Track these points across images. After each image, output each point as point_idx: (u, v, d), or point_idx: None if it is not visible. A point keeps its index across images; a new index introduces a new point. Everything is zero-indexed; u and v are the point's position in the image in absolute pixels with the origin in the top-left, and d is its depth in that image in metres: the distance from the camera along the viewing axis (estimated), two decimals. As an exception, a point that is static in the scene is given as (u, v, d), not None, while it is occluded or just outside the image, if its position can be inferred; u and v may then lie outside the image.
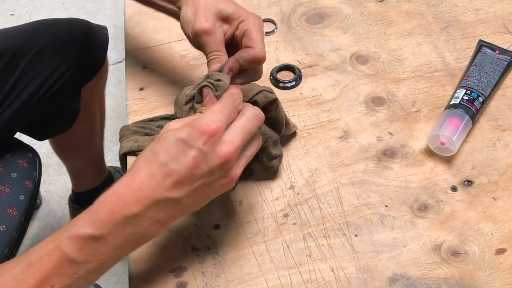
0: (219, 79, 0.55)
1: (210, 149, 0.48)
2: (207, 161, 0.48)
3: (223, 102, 0.51)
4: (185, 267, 0.61)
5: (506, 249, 0.61)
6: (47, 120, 0.99)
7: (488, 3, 0.86)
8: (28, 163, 0.90)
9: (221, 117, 0.50)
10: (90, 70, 0.99)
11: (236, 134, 0.50)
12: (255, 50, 0.58)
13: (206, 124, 0.48)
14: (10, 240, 0.83)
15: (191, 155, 0.48)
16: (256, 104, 0.59)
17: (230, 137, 0.50)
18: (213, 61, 0.59)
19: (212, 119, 0.49)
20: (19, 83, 0.87)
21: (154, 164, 0.48)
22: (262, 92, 0.60)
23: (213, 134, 0.48)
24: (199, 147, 0.48)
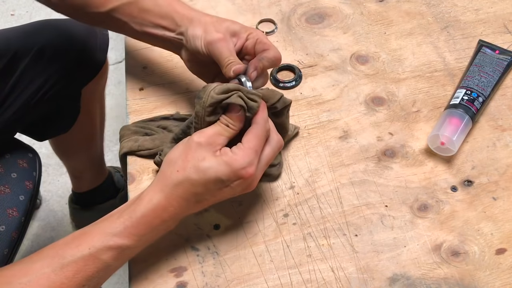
0: (253, 99, 0.56)
1: (240, 187, 0.56)
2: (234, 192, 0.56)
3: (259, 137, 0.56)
4: (185, 267, 0.61)
5: (506, 249, 0.61)
6: (47, 121, 1.00)
7: (488, 3, 0.86)
8: (28, 163, 0.91)
9: (256, 160, 0.55)
10: (90, 71, 0.99)
11: (262, 170, 0.57)
12: (274, 51, 0.62)
13: (245, 170, 0.54)
14: (10, 240, 0.83)
15: (224, 190, 0.55)
16: (275, 109, 0.62)
17: (257, 175, 0.56)
18: (233, 63, 0.62)
19: (250, 164, 0.54)
20: (19, 84, 0.87)
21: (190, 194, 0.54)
22: (282, 98, 0.62)
23: (248, 178, 0.55)
24: (233, 186, 0.55)
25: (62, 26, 0.93)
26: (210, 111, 0.56)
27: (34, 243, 1.42)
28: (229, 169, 0.53)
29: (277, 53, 0.62)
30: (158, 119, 0.73)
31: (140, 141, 0.69)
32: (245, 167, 0.53)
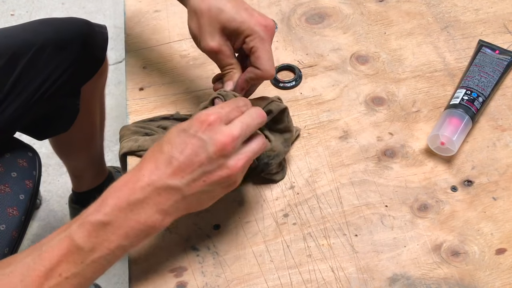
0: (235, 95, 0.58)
1: (207, 136, 0.50)
2: (205, 148, 0.50)
3: (226, 102, 0.55)
4: (185, 267, 0.61)
5: (506, 249, 0.61)
6: (47, 120, 0.99)
7: (488, 3, 0.86)
8: (28, 162, 0.90)
9: (220, 110, 0.52)
10: (89, 69, 0.99)
11: (234, 125, 0.52)
12: (262, 72, 0.61)
13: (205, 114, 0.51)
14: (10, 239, 0.83)
15: (189, 141, 0.50)
16: (270, 113, 0.62)
17: (229, 128, 0.52)
18: (225, 76, 0.62)
19: (211, 111, 0.52)
20: (18, 82, 0.87)
21: (157, 154, 0.51)
22: (274, 102, 0.62)
23: (211, 123, 0.51)
24: (198, 135, 0.50)
25: (61, 25, 0.93)
26: None
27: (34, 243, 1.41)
28: (190, 120, 0.52)
29: (265, 74, 0.61)
30: (158, 119, 0.73)
31: (140, 141, 0.69)
32: (206, 112, 0.52)
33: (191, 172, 0.50)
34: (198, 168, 0.50)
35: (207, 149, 0.50)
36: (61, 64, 0.91)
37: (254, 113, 0.54)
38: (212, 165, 0.51)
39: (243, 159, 0.52)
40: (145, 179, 0.50)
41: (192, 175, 0.50)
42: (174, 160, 0.50)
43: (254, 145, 0.54)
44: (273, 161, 0.63)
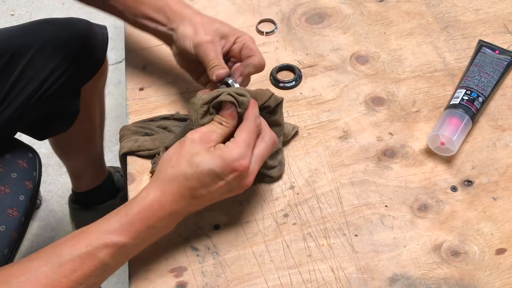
0: (242, 94, 0.58)
1: (236, 182, 0.55)
2: (230, 187, 0.56)
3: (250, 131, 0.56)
4: (185, 267, 0.61)
5: (506, 249, 0.61)
6: (47, 120, 0.99)
7: (488, 3, 0.86)
8: (28, 163, 0.90)
9: (249, 152, 0.55)
10: (89, 70, 0.99)
11: (257, 164, 0.57)
12: (259, 58, 0.65)
13: (239, 162, 0.54)
14: (10, 240, 0.83)
15: (219, 185, 0.55)
16: (269, 108, 0.62)
17: (252, 169, 0.56)
18: (217, 67, 0.63)
19: (243, 156, 0.54)
20: (18, 82, 0.87)
21: (185, 188, 0.54)
22: (272, 96, 0.62)
23: (243, 171, 0.54)
24: (228, 180, 0.54)
25: (62, 25, 0.93)
26: (202, 113, 0.58)
27: (34, 243, 1.42)
28: (222, 161, 0.53)
29: (261, 60, 0.65)
30: (158, 119, 0.73)
31: (140, 141, 0.69)
32: (238, 158, 0.54)
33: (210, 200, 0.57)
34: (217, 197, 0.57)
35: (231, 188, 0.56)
36: (61, 64, 0.91)
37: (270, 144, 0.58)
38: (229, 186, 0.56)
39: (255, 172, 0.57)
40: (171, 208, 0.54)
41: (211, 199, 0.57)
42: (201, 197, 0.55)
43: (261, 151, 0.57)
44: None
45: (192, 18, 0.66)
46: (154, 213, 0.54)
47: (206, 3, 0.87)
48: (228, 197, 0.58)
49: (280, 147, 0.66)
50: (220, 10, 0.86)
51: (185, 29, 0.65)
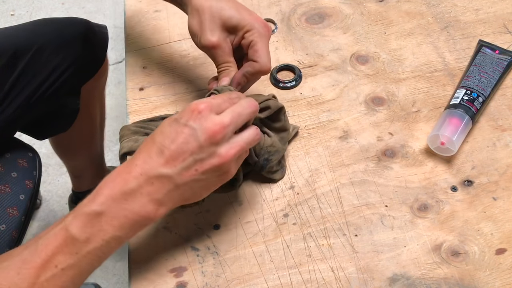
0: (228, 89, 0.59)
1: (198, 124, 0.51)
2: (196, 136, 0.51)
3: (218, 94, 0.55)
4: (185, 267, 0.61)
5: (506, 249, 0.61)
6: (47, 119, 0.99)
7: (488, 3, 0.86)
8: (28, 162, 0.91)
9: (211, 100, 0.53)
10: (89, 69, 0.99)
11: (225, 114, 0.52)
12: (260, 64, 0.62)
13: (195, 103, 0.52)
14: (10, 239, 0.83)
15: (180, 130, 0.51)
16: (268, 109, 0.62)
17: (219, 116, 0.52)
18: (222, 73, 0.63)
19: (201, 101, 0.52)
20: (18, 82, 0.87)
21: (150, 145, 0.52)
22: (271, 99, 0.63)
23: (201, 111, 0.51)
24: (189, 124, 0.51)
25: (62, 25, 0.93)
26: None
27: (34, 243, 1.41)
28: (181, 110, 0.53)
29: (263, 67, 0.62)
30: (158, 119, 0.73)
31: (140, 141, 0.69)
32: (196, 102, 0.52)
33: (182, 161, 0.51)
34: (189, 157, 0.51)
35: (197, 137, 0.51)
36: (61, 64, 0.91)
37: (246, 103, 0.55)
38: (203, 153, 0.51)
39: (235, 148, 0.53)
40: (137, 169, 0.51)
41: (184, 163, 0.51)
42: (166, 149, 0.51)
43: (247, 135, 0.54)
44: (273, 157, 0.64)
45: (199, 6, 0.63)
46: (120, 175, 0.51)
47: (206, 3, 0.87)
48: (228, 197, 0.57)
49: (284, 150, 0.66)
50: (220, 10, 0.86)
51: (192, 23, 0.64)
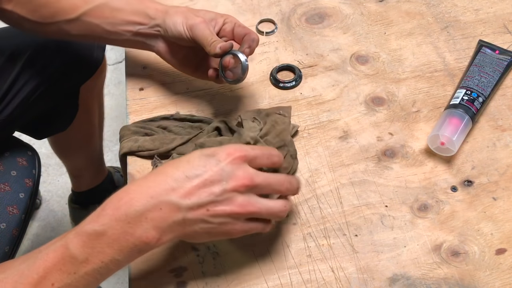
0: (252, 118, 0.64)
1: (230, 168, 0.49)
2: (223, 179, 0.49)
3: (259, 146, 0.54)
4: (185, 267, 0.61)
5: (506, 249, 0.61)
6: (45, 119, 1.00)
7: (488, 3, 0.86)
8: (28, 161, 0.91)
9: (250, 150, 0.51)
10: (88, 69, 0.99)
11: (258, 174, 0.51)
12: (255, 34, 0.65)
13: (234, 148, 0.50)
14: (11, 238, 0.83)
15: (209, 168, 0.49)
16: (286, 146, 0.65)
17: (254, 171, 0.51)
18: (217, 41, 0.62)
19: (241, 148, 0.51)
20: (17, 81, 0.87)
21: (171, 169, 0.49)
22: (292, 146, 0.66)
23: (238, 158, 0.50)
24: (221, 165, 0.49)
25: None
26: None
27: (34, 243, 1.41)
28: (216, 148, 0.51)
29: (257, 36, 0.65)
30: (158, 119, 0.73)
31: (140, 141, 0.69)
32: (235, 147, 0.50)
33: (199, 196, 0.49)
34: (207, 196, 0.49)
35: (224, 180, 0.49)
36: (60, 64, 0.91)
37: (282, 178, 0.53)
38: (221, 197, 0.49)
39: (253, 206, 0.51)
40: (149, 191, 0.49)
41: (199, 200, 0.49)
42: (187, 181, 0.49)
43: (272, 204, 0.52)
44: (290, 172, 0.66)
45: (177, 9, 0.66)
46: (128, 194, 0.49)
47: (206, 3, 0.87)
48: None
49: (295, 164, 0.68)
50: (220, 10, 0.86)
51: (174, 18, 0.65)
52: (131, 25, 0.67)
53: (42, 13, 0.68)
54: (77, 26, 0.68)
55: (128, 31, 0.67)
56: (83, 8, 0.66)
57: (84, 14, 0.66)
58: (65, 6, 0.67)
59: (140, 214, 0.48)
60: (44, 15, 0.68)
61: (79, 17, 0.67)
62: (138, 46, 0.70)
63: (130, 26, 0.67)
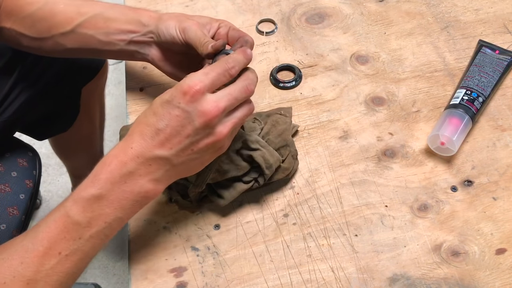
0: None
1: (192, 107, 0.51)
2: (191, 119, 0.51)
3: (213, 64, 0.54)
4: (185, 267, 0.61)
5: (506, 249, 0.61)
6: (46, 120, 1.00)
7: (488, 3, 0.86)
8: (28, 162, 0.91)
9: (204, 78, 0.52)
10: (90, 71, 0.99)
11: (221, 98, 0.52)
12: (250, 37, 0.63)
13: (187, 84, 0.51)
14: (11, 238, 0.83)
15: (174, 114, 0.51)
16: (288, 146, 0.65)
17: (216, 97, 0.52)
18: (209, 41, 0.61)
19: (193, 80, 0.51)
20: (18, 83, 0.87)
21: (143, 125, 0.52)
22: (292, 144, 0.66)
23: (194, 93, 0.50)
24: (182, 106, 0.51)
25: None
26: None
27: (34, 243, 1.41)
28: (172, 90, 0.51)
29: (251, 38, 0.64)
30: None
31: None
32: (187, 82, 0.51)
33: (178, 143, 0.51)
34: (185, 139, 0.51)
35: (192, 120, 0.51)
36: (62, 66, 0.91)
37: (242, 85, 0.54)
38: (199, 135, 0.52)
39: (229, 125, 0.53)
40: (133, 151, 0.51)
41: (180, 145, 0.52)
42: (161, 132, 0.51)
43: (240, 113, 0.54)
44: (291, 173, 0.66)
45: (171, 14, 0.66)
46: (116, 158, 0.51)
47: (206, 3, 0.87)
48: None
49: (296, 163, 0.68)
50: (220, 10, 0.86)
51: (167, 22, 0.64)
52: (124, 33, 0.66)
53: (38, 28, 0.68)
54: (72, 38, 0.68)
55: (122, 40, 0.67)
56: (78, 20, 0.67)
57: (79, 26, 0.67)
58: (60, 19, 0.67)
59: (133, 172, 0.51)
60: (41, 30, 0.68)
61: (74, 29, 0.67)
62: (132, 57, 0.70)
63: (123, 35, 0.67)
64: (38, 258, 0.49)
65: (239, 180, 0.63)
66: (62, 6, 0.67)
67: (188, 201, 0.64)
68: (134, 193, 0.51)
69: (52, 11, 0.68)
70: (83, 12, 0.67)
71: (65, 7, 0.67)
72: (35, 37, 0.69)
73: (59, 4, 0.68)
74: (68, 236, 0.49)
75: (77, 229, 0.50)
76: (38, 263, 0.49)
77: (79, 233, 0.50)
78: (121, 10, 0.67)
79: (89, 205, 0.50)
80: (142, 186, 0.52)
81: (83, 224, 0.50)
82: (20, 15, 0.69)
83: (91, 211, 0.50)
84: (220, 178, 0.62)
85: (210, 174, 0.59)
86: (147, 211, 0.65)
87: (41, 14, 0.68)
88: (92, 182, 0.50)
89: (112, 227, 0.51)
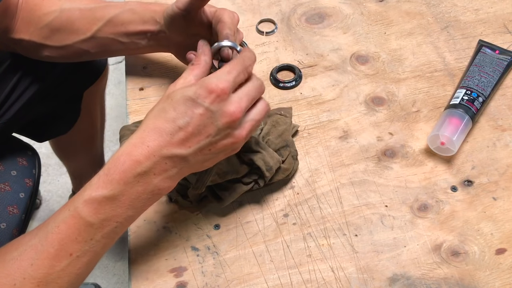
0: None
1: (217, 108, 0.50)
2: (214, 119, 0.50)
3: (233, 63, 0.53)
4: (185, 267, 0.61)
5: (506, 249, 0.61)
6: (47, 122, 0.99)
7: (488, 3, 0.86)
8: (28, 161, 0.91)
9: (229, 78, 0.51)
10: (91, 75, 0.99)
11: (242, 96, 0.52)
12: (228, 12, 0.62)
13: (214, 83, 0.50)
14: (11, 237, 0.83)
15: (198, 112, 0.49)
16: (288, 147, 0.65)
17: (238, 98, 0.51)
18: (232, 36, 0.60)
19: (220, 79, 0.50)
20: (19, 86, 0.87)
21: (161, 121, 0.50)
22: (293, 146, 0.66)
23: (221, 93, 0.50)
24: (207, 106, 0.49)
25: None
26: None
27: (34, 243, 1.41)
28: (196, 86, 0.50)
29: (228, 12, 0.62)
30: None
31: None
32: (214, 81, 0.50)
33: (198, 142, 0.50)
34: (205, 139, 0.51)
35: (215, 120, 0.50)
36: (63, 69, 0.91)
37: (258, 84, 0.54)
38: (219, 135, 0.51)
39: (247, 128, 0.53)
40: (149, 150, 0.49)
41: (199, 144, 0.51)
42: (181, 131, 0.50)
43: (259, 116, 0.54)
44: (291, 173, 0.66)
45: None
46: (129, 156, 0.49)
47: (206, 3, 0.87)
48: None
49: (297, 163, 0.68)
50: (220, 10, 0.86)
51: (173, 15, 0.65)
52: (143, 34, 0.68)
53: (58, 37, 0.69)
54: (94, 43, 0.69)
55: (142, 39, 0.68)
56: (97, 25, 0.67)
57: (99, 31, 0.67)
58: (79, 26, 0.68)
59: (148, 172, 0.50)
60: (60, 39, 0.69)
61: (94, 35, 0.68)
62: (156, 50, 0.72)
63: (142, 34, 0.68)
64: (49, 260, 0.48)
65: (239, 182, 0.63)
66: (78, 13, 0.68)
67: (188, 201, 0.64)
68: (147, 192, 0.50)
69: (70, 19, 0.68)
70: (99, 17, 0.67)
71: (81, 13, 0.68)
72: (56, 46, 0.70)
73: (74, 10, 0.68)
74: (80, 238, 0.49)
75: (89, 231, 0.49)
76: (49, 265, 0.48)
77: (91, 235, 0.49)
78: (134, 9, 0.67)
79: (101, 206, 0.49)
80: (156, 185, 0.51)
81: (95, 225, 0.49)
82: (39, 25, 0.69)
83: (104, 212, 0.49)
84: (220, 180, 0.62)
85: (210, 177, 0.59)
86: (147, 211, 0.65)
87: (59, 23, 0.68)
88: (104, 182, 0.49)
89: (123, 225, 0.51)
